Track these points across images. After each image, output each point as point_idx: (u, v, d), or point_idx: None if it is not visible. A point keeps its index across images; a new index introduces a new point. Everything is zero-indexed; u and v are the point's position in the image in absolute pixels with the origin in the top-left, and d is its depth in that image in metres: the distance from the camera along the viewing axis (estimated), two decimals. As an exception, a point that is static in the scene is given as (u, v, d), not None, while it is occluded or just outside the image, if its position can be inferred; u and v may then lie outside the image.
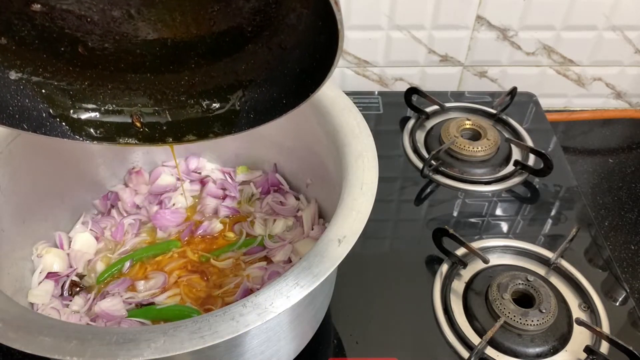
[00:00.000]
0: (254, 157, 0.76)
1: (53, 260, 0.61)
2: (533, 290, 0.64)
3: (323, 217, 0.69)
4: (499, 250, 0.72)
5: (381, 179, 0.50)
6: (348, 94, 0.60)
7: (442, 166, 0.83)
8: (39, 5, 0.40)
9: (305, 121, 0.63)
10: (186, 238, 0.67)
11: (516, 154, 0.86)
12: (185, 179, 0.73)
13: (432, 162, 0.81)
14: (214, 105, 0.49)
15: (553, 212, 0.78)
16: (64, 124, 0.46)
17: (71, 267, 0.63)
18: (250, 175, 0.75)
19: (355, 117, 0.57)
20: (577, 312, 0.65)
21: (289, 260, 0.64)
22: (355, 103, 0.59)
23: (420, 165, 0.82)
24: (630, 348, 0.58)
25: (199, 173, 0.75)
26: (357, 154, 0.53)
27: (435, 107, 0.93)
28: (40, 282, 0.60)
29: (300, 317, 0.52)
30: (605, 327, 0.63)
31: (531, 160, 0.84)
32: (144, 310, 0.59)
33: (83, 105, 0.47)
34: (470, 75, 0.99)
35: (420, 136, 0.90)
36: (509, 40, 0.94)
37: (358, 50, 0.94)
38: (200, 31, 0.45)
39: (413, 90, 0.91)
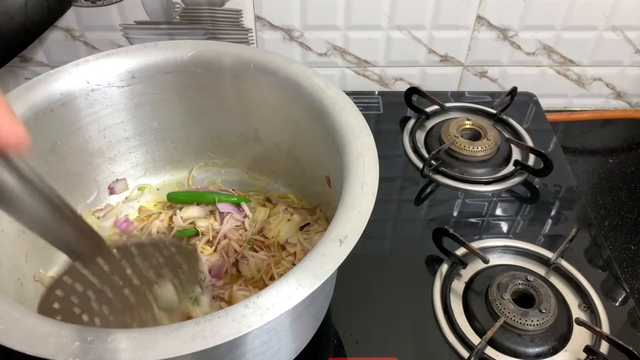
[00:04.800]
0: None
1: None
2: (533, 290, 0.64)
3: (322, 217, 0.69)
4: (499, 250, 0.72)
5: (381, 179, 0.50)
6: (348, 93, 0.60)
7: (442, 166, 0.83)
8: None
9: (305, 120, 0.63)
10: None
11: (516, 154, 0.86)
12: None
13: (432, 162, 0.81)
14: None
15: (553, 212, 0.78)
16: None
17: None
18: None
19: (355, 117, 0.57)
20: (577, 312, 0.65)
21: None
22: (355, 103, 0.59)
23: (420, 165, 0.82)
24: (630, 348, 0.58)
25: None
26: (358, 154, 0.53)
27: (436, 107, 0.93)
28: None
29: (301, 317, 0.52)
30: (605, 327, 0.63)
31: (531, 160, 0.84)
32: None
33: None
34: (470, 75, 0.99)
35: (420, 136, 0.90)
36: (509, 40, 0.94)
37: (358, 50, 0.94)
38: None
39: (413, 90, 0.91)
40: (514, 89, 0.92)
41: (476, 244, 0.70)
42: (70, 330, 0.39)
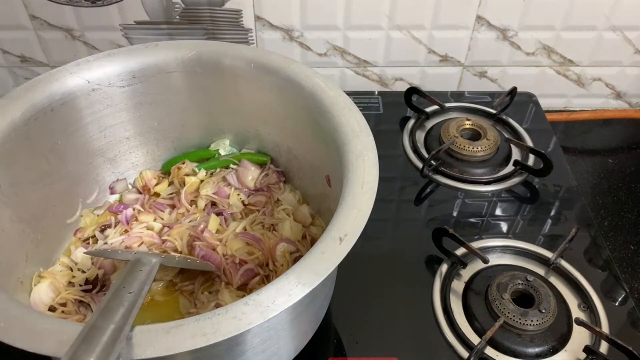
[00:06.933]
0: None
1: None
2: (533, 290, 0.64)
3: (321, 216, 0.69)
4: (499, 250, 0.72)
5: (381, 179, 0.50)
6: (348, 93, 0.60)
7: (442, 166, 0.83)
8: None
9: (305, 120, 0.63)
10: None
11: (516, 154, 0.86)
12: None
13: (432, 162, 0.81)
14: None
15: (553, 212, 0.78)
16: None
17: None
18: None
19: (355, 116, 0.57)
20: (576, 312, 0.65)
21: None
22: (355, 103, 0.59)
23: (420, 165, 0.82)
24: (630, 348, 0.58)
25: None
26: (358, 153, 0.53)
27: (435, 107, 0.93)
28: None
29: (301, 315, 0.52)
30: (605, 327, 0.63)
31: (531, 160, 0.84)
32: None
33: None
34: (470, 75, 0.99)
35: (420, 136, 0.90)
36: (508, 40, 0.94)
37: (358, 50, 0.94)
38: None
39: (413, 90, 0.91)
40: (514, 89, 0.92)
41: (476, 244, 0.70)
42: (70, 328, 0.39)
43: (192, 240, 0.65)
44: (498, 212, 0.78)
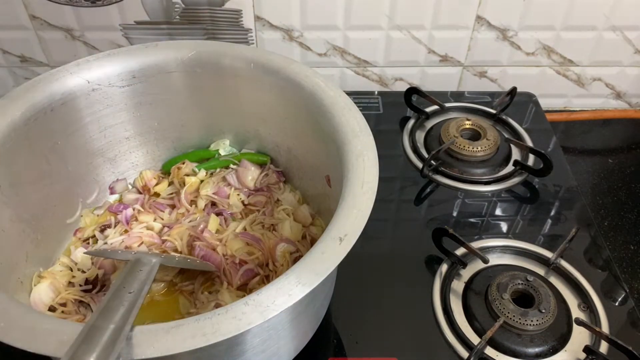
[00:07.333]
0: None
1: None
2: (532, 290, 0.64)
3: (321, 216, 0.69)
4: (499, 250, 0.72)
5: (381, 179, 0.50)
6: (348, 93, 0.60)
7: (441, 166, 0.83)
8: None
9: (305, 120, 0.63)
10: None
11: (516, 154, 0.86)
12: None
13: (432, 162, 0.81)
14: None
15: (552, 212, 0.78)
16: None
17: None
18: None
19: (355, 116, 0.57)
20: (576, 312, 0.65)
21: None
22: (355, 103, 0.59)
23: (420, 165, 0.83)
24: (630, 348, 0.58)
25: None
26: (358, 153, 0.53)
27: (435, 107, 0.93)
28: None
29: (301, 315, 0.52)
30: (605, 327, 0.63)
31: (531, 160, 0.84)
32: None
33: None
34: (470, 75, 0.99)
35: (420, 136, 0.90)
36: (508, 41, 0.94)
37: (358, 50, 0.94)
38: None
39: (413, 90, 0.91)
40: (514, 89, 0.92)
41: (476, 244, 0.70)
42: (70, 328, 0.39)
43: (192, 240, 0.65)
44: (498, 212, 0.78)
